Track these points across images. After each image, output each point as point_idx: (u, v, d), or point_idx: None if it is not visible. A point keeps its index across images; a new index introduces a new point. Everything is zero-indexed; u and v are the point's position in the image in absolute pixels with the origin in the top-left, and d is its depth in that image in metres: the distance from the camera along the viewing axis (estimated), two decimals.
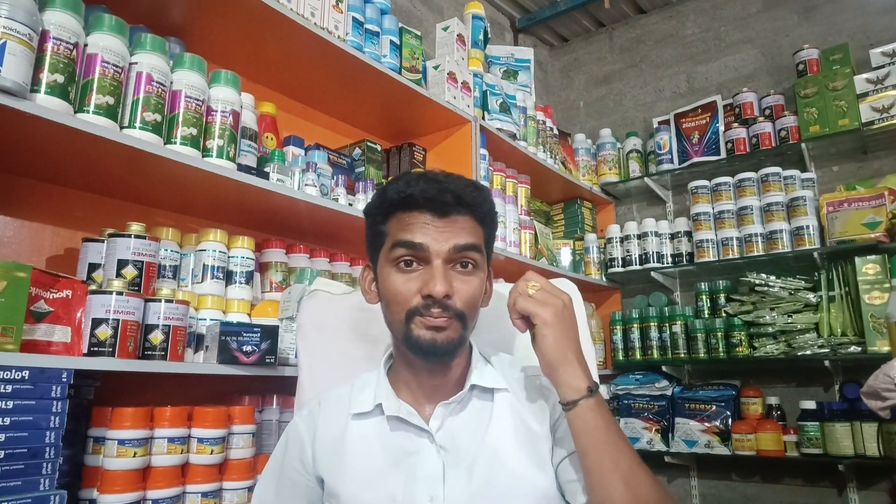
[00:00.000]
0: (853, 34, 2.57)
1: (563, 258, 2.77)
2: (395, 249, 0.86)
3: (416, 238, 0.85)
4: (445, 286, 0.83)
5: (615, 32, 3.32)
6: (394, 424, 0.90)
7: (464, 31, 2.27)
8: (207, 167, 1.33)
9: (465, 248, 0.86)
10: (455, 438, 0.88)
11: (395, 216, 0.88)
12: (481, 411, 0.91)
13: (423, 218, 0.86)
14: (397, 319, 0.86)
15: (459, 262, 0.87)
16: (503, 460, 0.86)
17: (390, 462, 0.88)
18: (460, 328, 0.86)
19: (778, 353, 2.35)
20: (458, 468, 0.86)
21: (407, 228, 0.86)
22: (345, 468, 0.90)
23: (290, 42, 1.64)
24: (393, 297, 0.86)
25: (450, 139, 2.16)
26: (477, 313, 0.90)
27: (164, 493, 1.17)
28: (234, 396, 1.48)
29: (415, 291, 0.85)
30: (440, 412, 0.89)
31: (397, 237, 0.86)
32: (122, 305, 1.15)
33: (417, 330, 0.84)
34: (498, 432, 0.89)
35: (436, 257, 0.85)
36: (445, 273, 0.84)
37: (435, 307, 0.83)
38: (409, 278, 0.86)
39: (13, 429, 0.95)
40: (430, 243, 0.85)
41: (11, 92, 1.01)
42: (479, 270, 0.89)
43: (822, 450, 2.19)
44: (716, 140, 2.73)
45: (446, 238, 0.85)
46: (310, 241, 1.80)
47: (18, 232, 1.33)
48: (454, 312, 0.84)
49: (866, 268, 2.19)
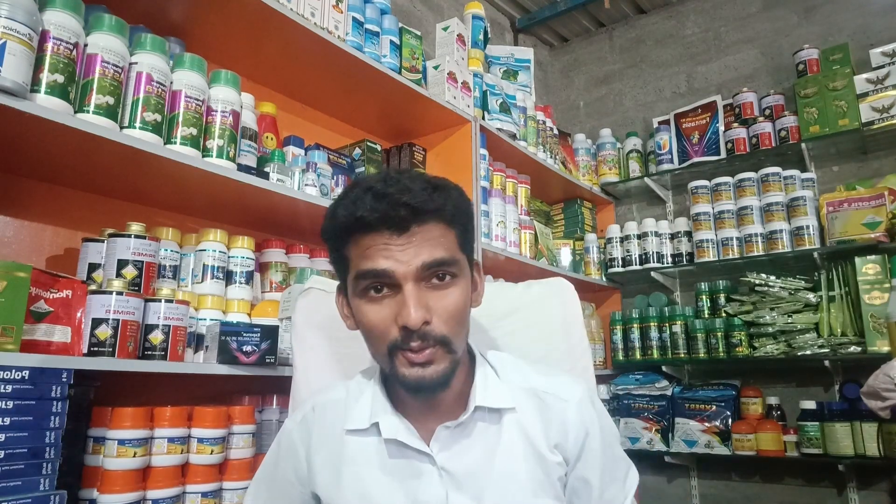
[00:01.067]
0: (853, 34, 2.57)
1: (563, 258, 2.77)
2: (358, 281, 0.78)
3: (378, 265, 0.76)
4: (420, 313, 0.74)
5: (615, 32, 3.32)
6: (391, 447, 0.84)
7: (464, 31, 2.27)
8: (207, 167, 1.33)
9: (436, 264, 0.77)
10: (459, 462, 0.82)
11: (352, 240, 0.79)
12: (487, 434, 0.84)
13: (381, 239, 0.76)
14: (380, 353, 0.79)
15: (434, 276, 0.78)
16: (515, 489, 0.81)
17: (391, 485, 0.83)
18: (447, 356, 0.78)
19: (778, 353, 2.35)
20: (462, 493, 0.81)
21: (366, 255, 0.77)
22: (343, 489, 0.84)
23: (290, 42, 1.64)
24: (369, 332, 0.79)
25: (450, 139, 2.16)
26: (466, 324, 0.83)
27: (164, 493, 1.17)
28: (234, 396, 1.48)
29: (390, 322, 0.76)
30: (442, 434, 0.83)
31: (359, 267, 0.78)
32: (122, 305, 1.15)
33: (402, 368, 0.77)
34: (507, 457, 0.83)
35: (404, 280, 0.75)
36: (419, 296, 0.76)
37: (414, 340, 0.75)
38: (382, 307, 0.77)
39: (13, 429, 0.95)
40: (394, 267, 0.75)
41: (11, 92, 1.01)
42: (458, 278, 0.80)
43: (822, 450, 2.19)
44: (716, 140, 2.73)
45: (410, 257, 0.76)
46: (310, 241, 1.80)
47: (18, 232, 1.33)
48: (436, 340, 0.76)
49: (866, 268, 2.19)
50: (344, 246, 0.81)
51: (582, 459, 0.84)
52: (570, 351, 1.13)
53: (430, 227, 0.78)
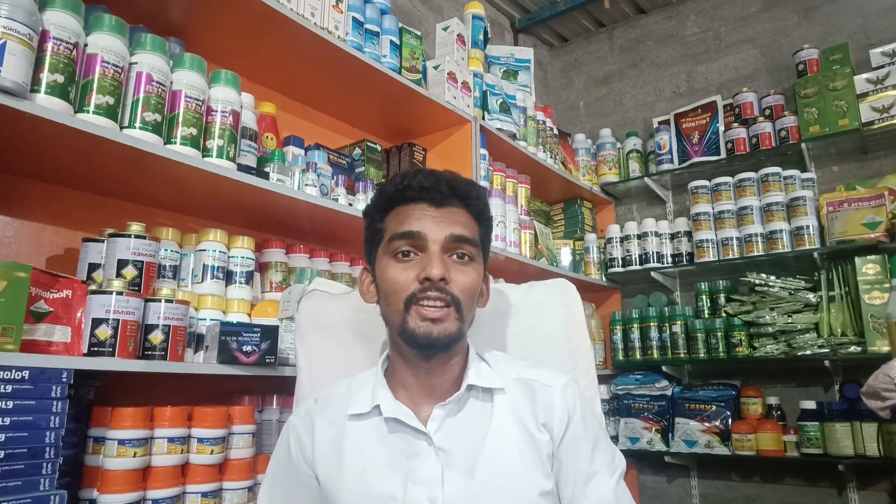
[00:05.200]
0: (853, 34, 2.57)
1: (563, 258, 2.77)
2: (392, 242, 0.88)
3: (412, 227, 0.87)
4: (442, 269, 0.84)
5: (615, 32, 3.32)
6: (392, 426, 0.89)
7: (464, 31, 2.27)
8: (207, 167, 1.33)
9: (462, 240, 0.88)
10: (454, 440, 0.88)
11: (394, 211, 0.90)
12: (481, 412, 0.90)
13: (420, 207, 0.88)
14: (395, 310, 0.86)
15: (456, 252, 0.88)
16: (505, 463, 0.86)
17: (389, 464, 0.87)
18: (457, 319, 0.86)
19: (778, 353, 2.35)
20: (457, 470, 0.85)
21: (404, 221, 0.88)
22: (343, 470, 0.89)
23: (290, 42, 1.64)
24: (391, 287, 0.87)
25: (450, 139, 2.16)
26: (473, 308, 0.91)
27: (164, 493, 1.17)
28: (234, 396, 1.48)
29: (412, 278, 0.85)
30: (438, 414, 0.89)
31: (395, 230, 0.88)
32: (122, 305, 1.15)
33: (413, 321, 0.84)
34: (498, 434, 0.88)
35: (433, 244, 0.86)
36: (442, 259, 0.86)
37: (432, 290, 0.84)
38: (406, 267, 0.86)
39: (13, 429, 0.95)
40: (426, 230, 0.86)
41: (11, 92, 1.01)
42: (475, 264, 0.90)
43: (822, 450, 2.19)
44: (716, 140, 2.73)
45: (443, 227, 0.87)
46: (310, 241, 1.80)
47: (18, 232, 1.33)
48: (451, 298, 0.85)
49: (866, 268, 2.19)
50: (383, 218, 0.91)
51: (567, 435, 0.90)
52: (572, 352, 1.14)
53: (461, 212, 0.90)
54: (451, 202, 0.89)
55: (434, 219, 0.87)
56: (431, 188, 0.88)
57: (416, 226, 0.87)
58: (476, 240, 0.90)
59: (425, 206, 0.88)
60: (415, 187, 0.88)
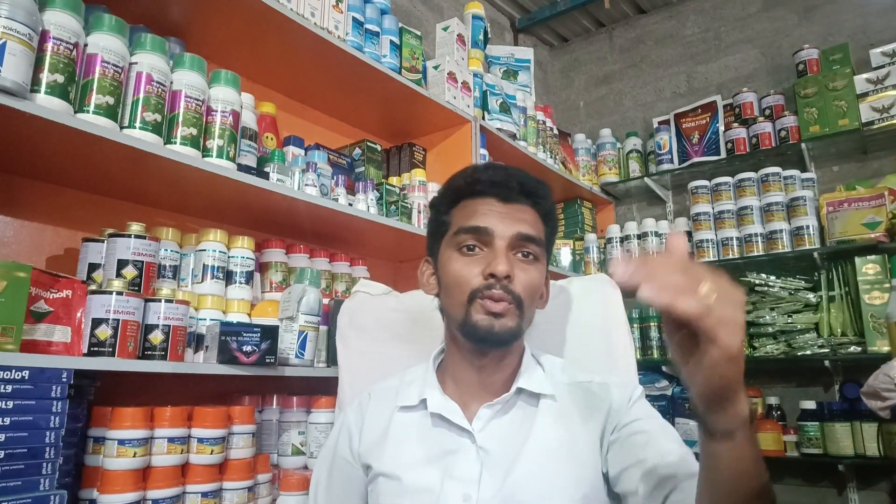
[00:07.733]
0: (853, 34, 2.57)
1: (563, 258, 2.78)
2: (458, 235, 0.87)
3: (480, 222, 0.86)
4: (507, 266, 0.83)
5: (615, 32, 3.32)
6: (436, 421, 0.90)
7: (464, 31, 2.27)
8: (207, 167, 1.32)
9: (528, 239, 0.87)
10: (496, 441, 0.87)
11: (461, 204, 0.90)
12: (524, 416, 0.89)
13: (488, 203, 0.87)
14: (458, 302, 0.86)
15: (521, 250, 0.87)
16: (540, 468, 0.85)
17: (429, 457, 0.88)
18: (518, 316, 0.85)
19: (778, 353, 2.35)
20: (494, 471, 0.85)
21: (472, 215, 0.87)
22: (384, 456, 0.90)
23: (289, 42, 1.64)
24: (454, 280, 0.87)
25: (450, 139, 2.16)
26: (534, 307, 0.90)
27: (164, 493, 1.16)
28: (234, 396, 1.48)
29: (476, 273, 0.85)
30: (484, 413, 0.88)
31: (462, 224, 0.88)
32: (122, 305, 1.15)
33: (476, 314, 0.84)
34: (538, 439, 0.87)
35: (499, 240, 0.85)
36: (508, 256, 0.85)
37: (496, 287, 0.83)
38: (471, 261, 0.86)
39: (13, 429, 0.95)
40: (494, 227, 0.86)
41: (11, 92, 1.01)
42: (539, 264, 0.89)
43: (822, 450, 2.19)
44: (716, 140, 2.73)
45: (510, 224, 0.86)
46: (310, 241, 1.79)
47: (18, 232, 1.33)
48: (514, 296, 0.84)
49: (866, 268, 2.19)
50: (449, 211, 0.91)
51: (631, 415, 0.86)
52: (610, 350, 1.12)
53: (528, 210, 0.89)
54: (520, 199, 0.88)
55: (501, 215, 0.87)
56: (501, 183, 0.87)
57: (483, 221, 0.86)
58: (542, 239, 0.89)
59: (493, 202, 0.87)
60: (484, 181, 0.88)
